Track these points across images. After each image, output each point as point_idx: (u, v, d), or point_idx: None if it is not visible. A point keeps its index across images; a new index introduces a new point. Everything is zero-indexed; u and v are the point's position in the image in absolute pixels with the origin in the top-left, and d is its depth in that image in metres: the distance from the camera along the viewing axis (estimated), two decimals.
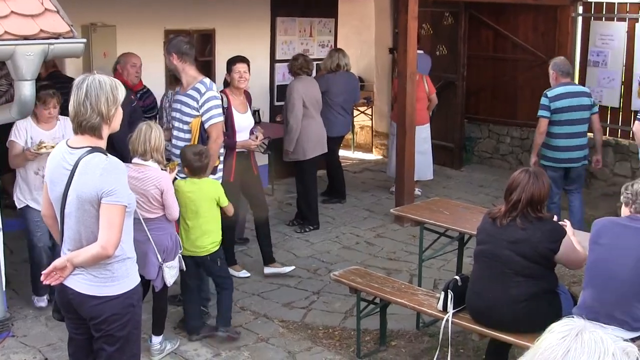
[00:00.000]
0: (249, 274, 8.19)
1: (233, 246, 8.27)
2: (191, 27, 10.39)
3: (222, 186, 6.87)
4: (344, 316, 7.31)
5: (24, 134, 6.90)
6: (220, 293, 6.78)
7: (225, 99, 7.77)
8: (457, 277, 5.83)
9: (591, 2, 12.19)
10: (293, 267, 8.24)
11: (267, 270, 8.20)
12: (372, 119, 14.49)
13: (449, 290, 5.72)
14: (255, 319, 7.24)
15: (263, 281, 8.12)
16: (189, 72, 7.12)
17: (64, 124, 6.87)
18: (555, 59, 9.30)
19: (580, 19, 12.27)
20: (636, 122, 8.37)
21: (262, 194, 8.48)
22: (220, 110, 7.06)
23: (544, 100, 8.83)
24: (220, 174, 7.35)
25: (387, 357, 6.55)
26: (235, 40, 10.52)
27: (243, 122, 8.02)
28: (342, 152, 13.82)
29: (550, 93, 8.84)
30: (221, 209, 6.76)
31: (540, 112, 8.86)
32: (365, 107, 14.38)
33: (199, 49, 10.36)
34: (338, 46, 12.28)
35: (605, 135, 11.98)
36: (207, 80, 7.11)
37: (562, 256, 5.33)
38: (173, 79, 8.55)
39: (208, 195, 6.66)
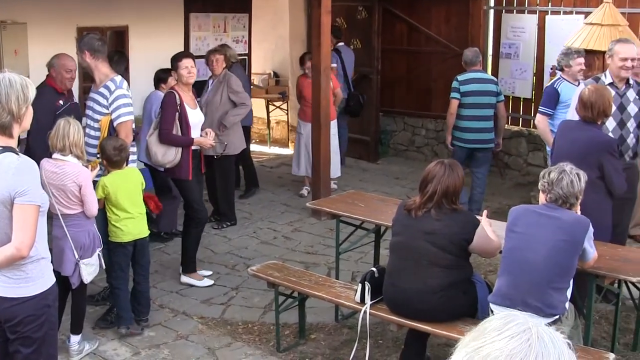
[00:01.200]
0: (212, 282, 8.04)
1: (195, 253, 8.16)
2: (104, 24, 10.26)
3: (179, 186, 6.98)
4: (263, 311, 7.31)
5: None
6: (143, 283, 6.85)
7: (177, 96, 7.72)
8: (373, 269, 5.88)
9: None
10: (212, 283, 8.01)
11: (185, 279, 8.05)
12: (287, 114, 14.49)
13: (366, 282, 5.76)
14: (174, 316, 7.20)
15: None
16: (101, 69, 7.03)
17: None
18: (467, 49, 10.18)
19: (492, 11, 12.49)
20: (538, 114, 8.80)
21: (202, 195, 8.41)
22: (130, 109, 6.94)
23: (454, 84, 9.70)
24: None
25: (307, 350, 6.57)
26: (149, 37, 10.43)
27: (194, 118, 7.94)
28: (258, 147, 13.87)
29: (461, 77, 9.74)
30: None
31: (451, 94, 9.70)
32: (281, 102, 14.39)
33: (113, 46, 10.23)
34: (253, 41, 12.27)
35: (519, 125, 12.25)
36: (118, 78, 7.01)
37: (477, 246, 5.43)
38: (87, 77, 8.46)
39: (137, 180, 6.78)
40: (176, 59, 7.94)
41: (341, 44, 12.21)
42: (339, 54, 12.00)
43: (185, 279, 7.95)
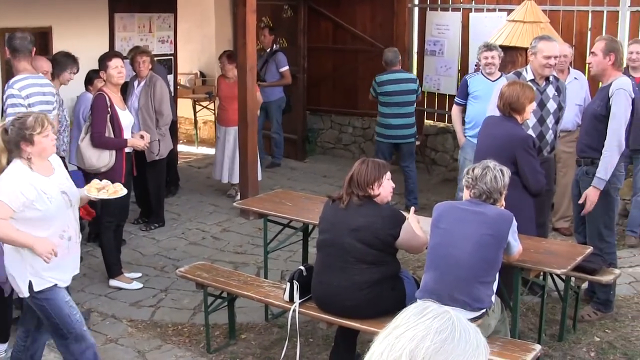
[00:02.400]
0: (141, 285, 7.94)
1: (117, 255, 8.06)
2: (27, 24, 10.02)
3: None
4: (193, 312, 7.26)
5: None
6: None
7: (107, 97, 7.62)
8: (301, 267, 5.90)
9: None
10: (141, 286, 7.91)
11: (113, 282, 7.92)
12: (214, 114, 14.41)
13: (294, 281, 5.77)
14: (103, 320, 7.11)
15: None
16: (17, 67, 7.01)
17: None
18: (387, 49, 10.53)
19: (416, 9, 12.58)
20: (454, 105, 9.35)
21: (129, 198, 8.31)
22: (15, 110, 6.78)
23: (373, 84, 10.27)
24: None
25: (237, 350, 6.55)
26: (73, 38, 10.25)
27: (125, 119, 7.85)
28: (186, 148, 13.78)
29: (378, 79, 10.23)
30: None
31: (371, 90, 10.37)
32: (208, 102, 14.31)
33: (37, 47, 10.04)
34: (179, 41, 12.17)
35: (445, 122, 12.37)
36: (16, 77, 6.99)
37: (403, 242, 5.47)
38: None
39: None
40: (105, 59, 7.84)
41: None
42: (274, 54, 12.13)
43: (113, 282, 7.86)
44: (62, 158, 7.67)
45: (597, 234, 6.96)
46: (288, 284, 5.85)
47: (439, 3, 12.30)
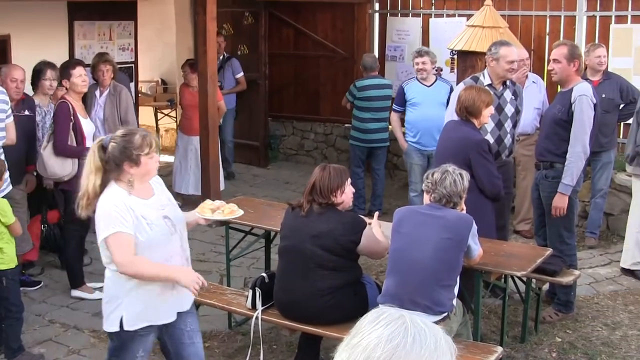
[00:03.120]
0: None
1: (81, 265, 7.98)
2: None
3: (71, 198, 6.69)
4: None
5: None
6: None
7: (70, 105, 7.56)
8: (264, 274, 5.90)
9: None
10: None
11: (75, 292, 7.82)
12: (176, 121, 14.36)
13: (256, 288, 5.77)
14: (65, 331, 7.04)
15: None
16: None
17: None
18: (365, 55, 10.79)
19: (377, 15, 12.64)
20: (392, 113, 9.65)
21: None
22: None
23: (352, 89, 10.35)
24: (7, 188, 7.06)
25: None
26: (32, 46, 10.16)
27: (87, 127, 7.80)
28: None
29: (359, 84, 10.35)
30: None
31: (347, 95, 10.43)
32: (169, 110, 14.26)
33: None
34: (139, 49, 12.12)
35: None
36: None
37: (364, 247, 5.49)
38: None
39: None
40: (69, 67, 7.76)
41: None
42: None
43: (75, 292, 7.78)
44: None
45: (558, 236, 7.03)
46: (250, 291, 5.85)
47: (399, 9, 12.38)
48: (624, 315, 7.32)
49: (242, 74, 12.14)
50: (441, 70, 10.75)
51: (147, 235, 4.60)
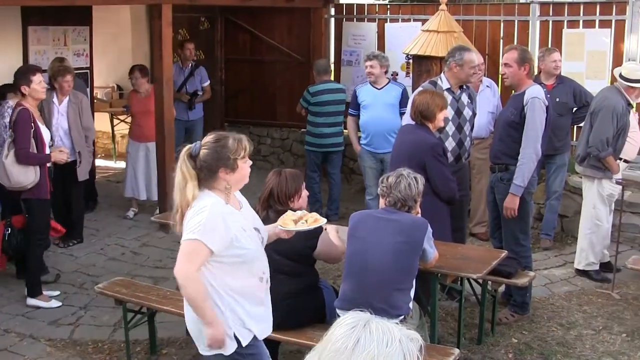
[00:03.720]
0: (60, 303, 7.77)
1: (39, 275, 7.91)
2: None
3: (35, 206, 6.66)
4: (113, 329, 7.18)
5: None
6: None
7: (30, 112, 7.50)
8: None
9: (343, 4, 12.64)
10: (60, 304, 7.74)
11: (31, 301, 7.74)
12: None
13: None
14: (21, 340, 6.97)
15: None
16: None
17: None
18: (317, 61, 10.84)
19: (333, 20, 12.68)
20: (348, 117, 9.79)
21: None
22: None
23: (306, 95, 10.39)
24: None
25: None
26: None
27: (45, 134, 7.75)
28: (104, 162, 13.62)
29: (312, 89, 10.39)
30: None
31: (301, 101, 10.46)
32: (125, 116, 14.17)
33: None
34: (95, 54, 12.04)
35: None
36: None
37: (321, 252, 5.51)
38: None
39: None
40: (29, 73, 7.65)
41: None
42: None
43: (31, 301, 7.70)
44: None
45: (513, 238, 7.11)
46: None
47: (355, 14, 12.45)
48: (578, 315, 7.42)
49: (208, 82, 11.97)
50: (397, 74, 10.83)
51: (249, 248, 4.38)
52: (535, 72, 8.51)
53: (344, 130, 10.58)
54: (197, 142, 4.43)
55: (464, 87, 7.53)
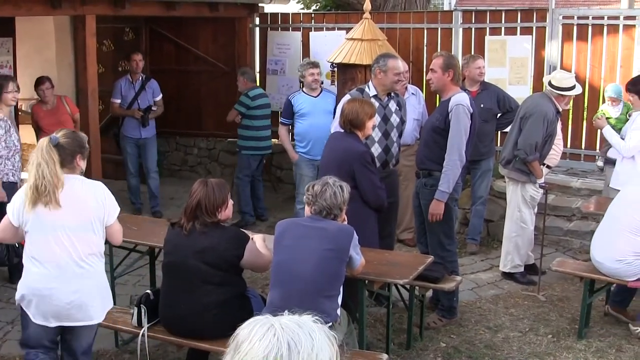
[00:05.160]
0: None
1: None
2: None
3: None
4: None
5: None
6: None
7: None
8: (148, 291, 5.86)
9: (267, 13, 12.65)
10: None
11: None
12: None
13: (141, 305, 5.72)
14: None
15: None
16: None
17: None
18: (245, 68, 11.07)
19: (257, 29, 12.68)
20: (280, 126, 9.89)
21: None
22: None
23: (245, 100, 10.59)
24: None
25: None
26: None
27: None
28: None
29: (252, 93, 10.65)
30: None
31: (238, 107, 10.60)
32: None
33: None
34: (18, 66, 11.85)
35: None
36: None
37: (248, 261, 5.51)
38: None
39: None
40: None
41: None
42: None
43: None
44: (14, 184, 7.74)
45: (438, 243, 7.18)
46: (135, 308, 5.80)
47: (280, 23, 12.45)
48: (505, 318, 7.54)
49: (161, 96, 11.34)
50: (322, 83, 10.88)
51: None
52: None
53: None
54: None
55: (393, 94, 7.61)
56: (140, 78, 11.12)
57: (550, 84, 8.13)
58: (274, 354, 1.88)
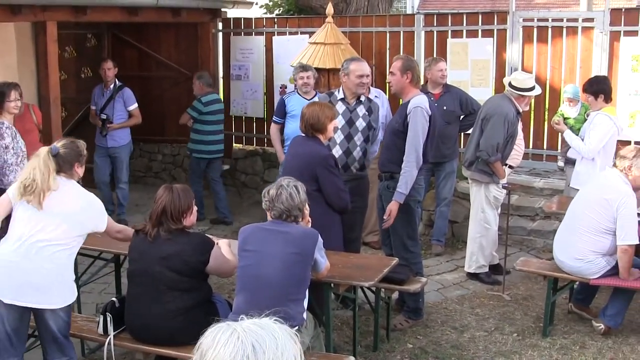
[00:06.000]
0: None
1: None
2: None
3: None
4: None
5: None
6: None
7: None
8: (114, 299, 5.83)
9: (230, 18, 12.64)
10: None
11: None
12: None
13: (107, 313, 5.70)
14: None
15: None
16: None
17: None
18: (202, 72, 11.05)
19: (220, 34, 12.67)
20: (272, 124, 9.68)
21: None
22: None
23: (198, 105, 10.79)
24: None
25: None
26: None
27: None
28: None
29: (205, 99, 10.83)
30: None
31: (191, 111, 10.87)
32: None
33: None
34: None
35: (253, 145, 12.53)
36: None
37: (213, 267, 5.51)
38: None
39: None
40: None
41: None
42: None
43: None
44: None
45: (402, 245, 7.22)
46: (101, 316, 5.77)
47: (243, 28, 12.45)
48: (471, 318, 7.59)
49: (136, 105, 11.09)
50: (285, 87, 10.90)
51: None
52: (422, 82, 8.67)
53: None
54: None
55: (364, 99, 7.63)
56: (113, 86, 10.91)
57: (510, 85, 8.20)
58: (239, 357, 1.89)
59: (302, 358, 2.05)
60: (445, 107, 8.99)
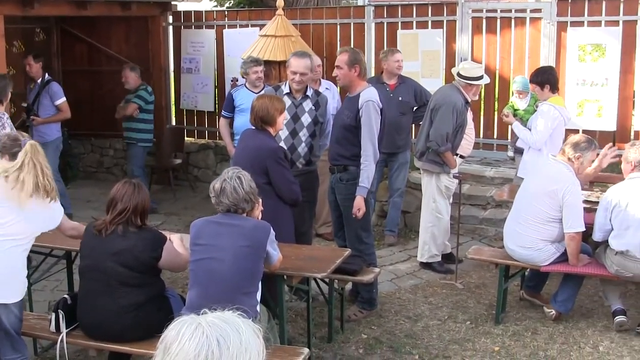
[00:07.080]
0: None
1: None
2: None
3: None
4: None
5: None
6: None
7: None
8: (66, 296, 5.78)
9: (180, 12, 12.59)
10: None
11: None
12: None
13: (59, 310, 5.65)
14: None
15: None
16: None
17: None
18: (133, 64, 11.36)
19: (171, 28, 12.62)
20: (221, 119, 9.53)
21: None
22: None
23: (145, 95, 11.07)
24: None
25: None
26: None
27: None
28: None
29: (149, 89, 11.11)
30: None
31: (138, 100, 11.03)
32: None
33: None
34: None
35: (205, 138, 12.51)
36: None
37: (165, 262, 5.49)
38: None
39: None
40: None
41: None
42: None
43: None
44: None
45: (356, 236, 7.25)
46: (53, 314, 5.72)
47: (193, 21, 12.41)
48: (424, 307, 7.66)
49: (63, 99, 10.70)
50: (237, 80, 10.86)
51: None
52: (371, 74, 8.69)
53: None
54: None
55: (311, 94, 7.59)
56: (40, 81, 10.67)
57: (458, 74, 8.26)
58: (204, 352, 1.90)
59: (265, 353, 2.06)
60: (400, 98, 9.04)
